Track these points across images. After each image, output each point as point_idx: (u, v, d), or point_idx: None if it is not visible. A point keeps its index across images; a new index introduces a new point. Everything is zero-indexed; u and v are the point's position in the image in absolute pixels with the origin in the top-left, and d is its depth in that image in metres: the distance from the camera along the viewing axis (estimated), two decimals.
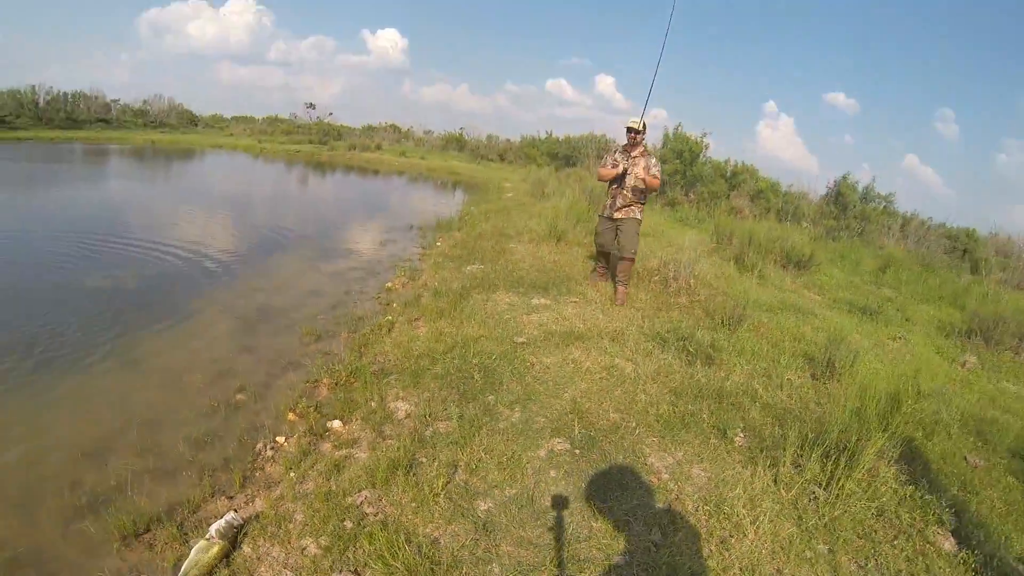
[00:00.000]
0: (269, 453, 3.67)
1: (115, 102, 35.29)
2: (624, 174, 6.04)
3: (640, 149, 6.04)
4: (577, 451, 3.35)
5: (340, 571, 2.50)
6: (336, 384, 4.48)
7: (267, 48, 74.71)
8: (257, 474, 3.47)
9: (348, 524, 2.77)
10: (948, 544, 2.91)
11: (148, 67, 73.14)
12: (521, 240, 9.08)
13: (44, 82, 32.82)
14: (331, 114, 39.05)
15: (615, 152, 6.19)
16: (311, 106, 39.00)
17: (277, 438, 3.80)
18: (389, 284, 7.41)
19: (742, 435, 3.60)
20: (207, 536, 2.70)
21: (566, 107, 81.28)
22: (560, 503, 2.92)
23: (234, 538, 2.77)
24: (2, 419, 3.83)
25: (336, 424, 3.86)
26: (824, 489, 3.08)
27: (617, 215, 6.15)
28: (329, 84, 75.99)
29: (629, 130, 5.96)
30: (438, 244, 9.68)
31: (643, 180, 5.99)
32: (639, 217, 6.18)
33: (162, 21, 71.60)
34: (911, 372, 4.06)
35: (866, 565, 2.68)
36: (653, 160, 6.01)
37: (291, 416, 4.06)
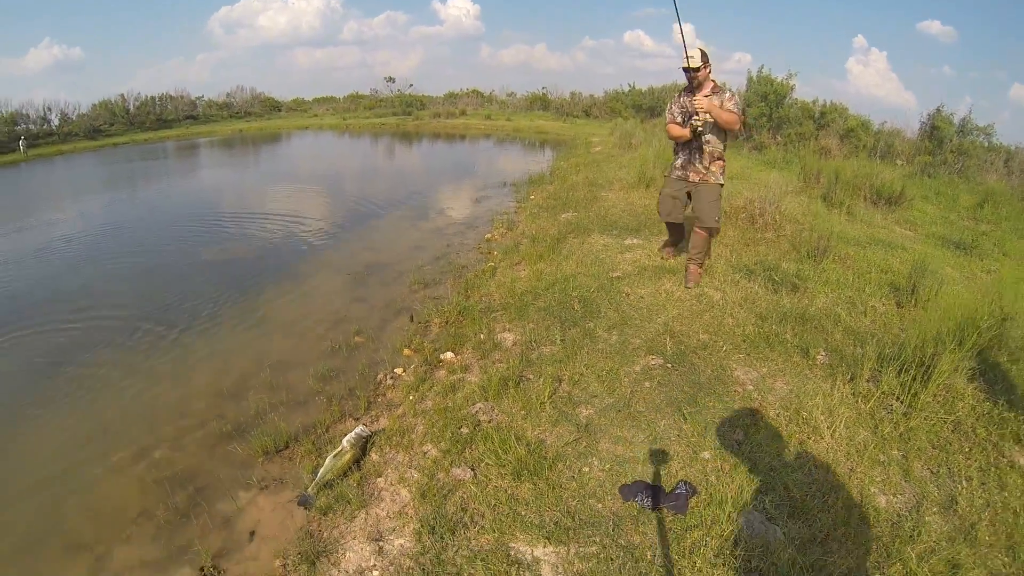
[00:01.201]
0: (389, 382, 4.08)
1: (199, 99, 35.54)
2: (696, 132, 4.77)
3: (709, 87, 4.70)
4: (669, 365, 3.60)
5: (459, 466, 2.85)
6: (446, 322, 4.82)
7: (339, 29, 75.19)
8: (379, 399, 3.89)
9: (464, 430, 3.14)
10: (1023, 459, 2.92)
11: (226, 63, 75.78)
12: (612, 188, 9.13)
13: (132, 89, 33.06)
14: (411, 86, 37.96)
15: (679, 97, 4.97)
16: (391, 80, 38.10)
17: (396, 370, 4.21)
18: (488, 235, 7.67)
19: (824, 354, 3.70)
20: (340, 447, 3.12)
21: (647, 59, 77.25)
22: (655, 408, 3.19)
23: (363, 447, 3.19)
24: (155, 372, 4.43)
25: (448, 355, 4.19)
26: (901, 402, 3.17)
27: (692, 176, 4.92)
28: (406, 57, 75.88)
29: (686, 71, 4.68)
30: (532, 198, 9.78)
31: (721, 128, 4.70)
32: (721, 180, 4.91)
33: (233, 18, 73.71)
34: (994, 294, 3.97)
35: (938, 472, 2.75)
36: (727, 95, 4.71)
37: (406, 352, 4.44)
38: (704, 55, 4.61)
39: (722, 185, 4.96)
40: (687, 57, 4.57)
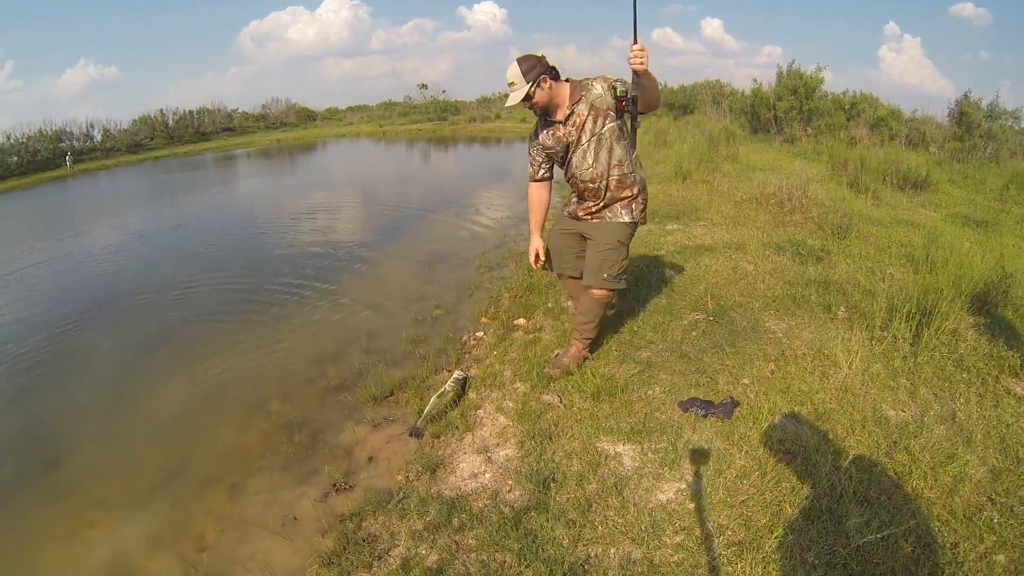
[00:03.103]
0: (473, 343, 4.91)
1: (235, 111, 37.33)
2: (571, 164, 3.48)
3: (566, 91, 3.30)
4: (711, 319, 4.39)
5: (547, 394, 3.66)
6: (515, 296, 5.64)
7: (368, 39, 77.19)
8: (467, 355, 4.70)
9: (547, 369, 3.95)
10: (1020, 388, 3.48)
11: (257, 76, 78.75)
12: (650, 183, 9.75)
13: (169, 104, 35.34)
14: (444, 92, 39.35)
15: (536, 135, 3.57)
16: (423, 86, 39.57)
17: (477, 333, 5.04)
18: None
19: (844, 310, 4.42)
20: (442, 388, 3.91)
21: (676, 56, 77.66)
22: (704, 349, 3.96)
23: (462, 388, 3.97)
24: (257, 340, 5.32)
25: (521, 320, 5.01)
26: (910, 344, 3.87)
27: (583, 214, 3.65)
28: (436, 64, 77.63)
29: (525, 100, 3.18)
30: None
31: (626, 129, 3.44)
32: (625, 218, 3.54)
33: (262, 32, 76.55)
34: (996, 255, 4.65)
35: (940, 395, 3.41)
36: (601, 82, 3.29)
37: (484, 319, 5.28)
38: (531, 67, 3.13)
39: (630, 224, 3.58)
40: (512, 85, 3.19)
